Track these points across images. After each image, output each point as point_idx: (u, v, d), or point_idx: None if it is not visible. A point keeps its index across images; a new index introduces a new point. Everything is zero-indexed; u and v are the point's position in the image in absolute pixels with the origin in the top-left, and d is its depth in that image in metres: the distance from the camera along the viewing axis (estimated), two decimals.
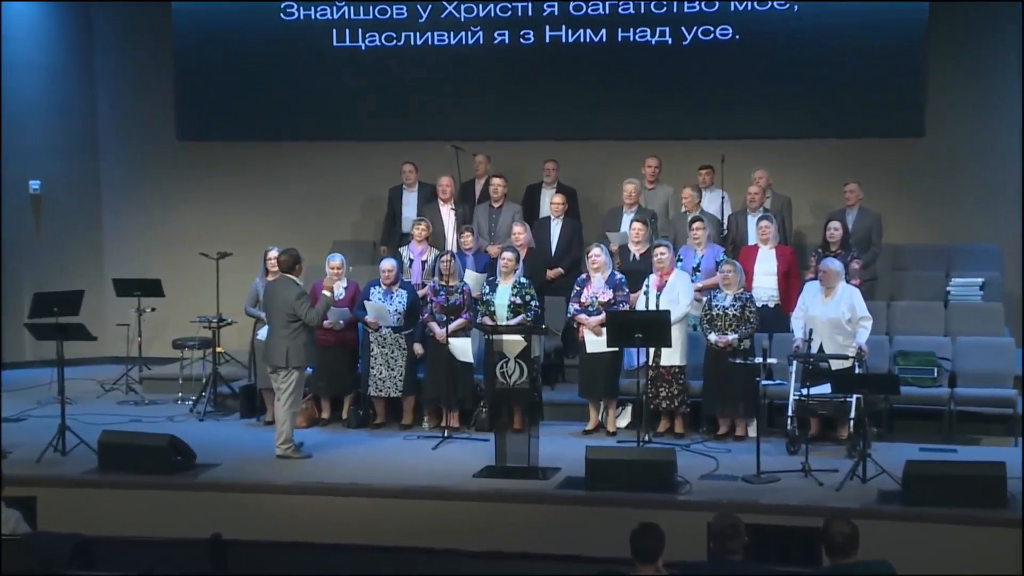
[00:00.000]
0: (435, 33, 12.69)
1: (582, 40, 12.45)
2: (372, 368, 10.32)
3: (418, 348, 10.27)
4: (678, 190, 11.61)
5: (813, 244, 11.37)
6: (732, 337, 9.73)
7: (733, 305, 9.80)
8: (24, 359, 12.72)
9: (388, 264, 10.43)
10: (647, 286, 9.92)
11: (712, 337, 9.81)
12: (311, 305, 9.32)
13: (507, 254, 10.16)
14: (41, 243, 13.37)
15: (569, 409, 10.49)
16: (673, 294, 9.95)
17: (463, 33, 12.64)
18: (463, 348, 10.03)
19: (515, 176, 12.20)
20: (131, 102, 13.63)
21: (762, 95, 12.22)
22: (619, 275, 10.17)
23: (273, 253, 10.26)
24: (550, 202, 11.66)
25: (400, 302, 10.33)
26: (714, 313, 9.86)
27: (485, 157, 12.23)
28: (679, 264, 10.31)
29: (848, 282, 9.83)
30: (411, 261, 11.10)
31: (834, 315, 9.56)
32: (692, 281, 10.23)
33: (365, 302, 10.30)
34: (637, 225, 10.78)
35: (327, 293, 9.50)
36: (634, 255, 10.76)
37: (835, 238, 10.52)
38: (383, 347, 10.30)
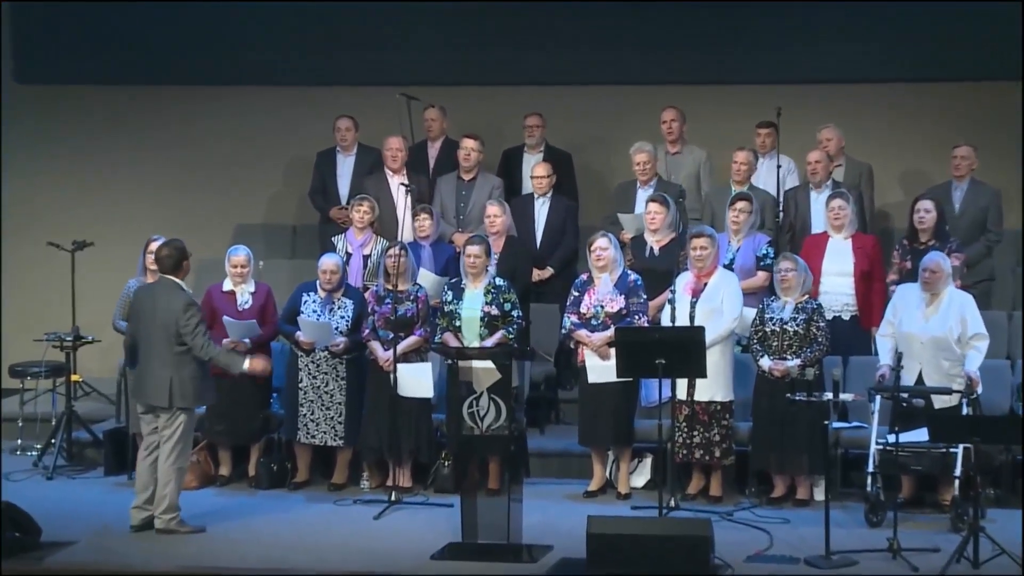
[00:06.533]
0: None
1: None
2: (302, 405, 10.30)
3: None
4: (713, 154, 11.59)
5: (903, 230, 11.30)
6: (792, 363, 9.69)
7: (795, 318, 9.76)
8: None
9: (330, 263, 10.37)
10: (674, 291, 9.85)
11: (764, 363, 9.76)
12: (204, 324, 9.19)
13: (471, 248, 10.08)
14: None
15: (565, 462, 10.56)
16: (715, 302, 9.90)
17: None
18: (417, 381, 9.96)
19: (487, 136, 12.12)
20: None
21: (831, 21, 12.26)
22: (633, 275, 10.13)
23: (156, 246, 10.15)
24: (530, 174, 11.63)
25: (344, 316, 10.28)
26: (768, 329, 9.80)
27: (440, 111, 12.23)
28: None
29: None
30: (348, 256, 11.02)
31: (940, 332, 9.54)
32: None
33: (299, 318, 10.25)
34: (653, 206, 10.72)
35: (239, 356, 9.46)
36: (651, 247, 10.72)
37: (926, 224, 10.46)
38: (315, 377, 10.27)
